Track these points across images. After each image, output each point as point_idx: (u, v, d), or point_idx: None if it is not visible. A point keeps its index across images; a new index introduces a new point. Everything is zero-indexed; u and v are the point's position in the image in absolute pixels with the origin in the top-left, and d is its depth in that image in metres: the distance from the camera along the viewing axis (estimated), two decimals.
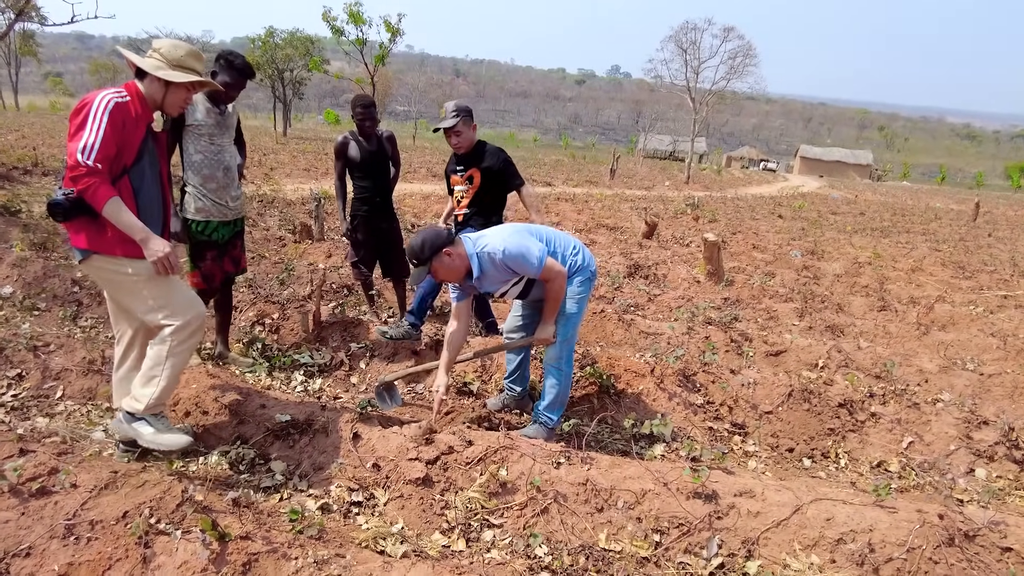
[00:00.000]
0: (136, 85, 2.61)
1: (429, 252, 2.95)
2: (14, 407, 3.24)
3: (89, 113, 2.42)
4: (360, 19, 16.69)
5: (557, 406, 3.36)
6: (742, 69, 32.91)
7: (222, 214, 3.67)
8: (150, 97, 2.61)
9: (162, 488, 2.32)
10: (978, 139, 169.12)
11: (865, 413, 3.88)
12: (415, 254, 2.97)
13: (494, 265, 3.05)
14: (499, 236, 3.10)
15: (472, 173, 4.21)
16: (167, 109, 2.69)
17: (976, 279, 9.25)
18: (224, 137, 3.62)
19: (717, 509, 2.65)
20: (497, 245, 3.03)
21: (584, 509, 2.65)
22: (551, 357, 3.33)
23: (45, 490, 2.31)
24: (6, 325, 4.03)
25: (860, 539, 2.51)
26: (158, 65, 2.59)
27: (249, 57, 36.07)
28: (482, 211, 4.26)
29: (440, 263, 2.99)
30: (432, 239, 2.97)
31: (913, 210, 24.87)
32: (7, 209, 6.61)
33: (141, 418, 2.71)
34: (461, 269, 3.05)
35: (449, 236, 3.03)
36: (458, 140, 4.11)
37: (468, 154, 4.20)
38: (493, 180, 4.21)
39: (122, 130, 2.48)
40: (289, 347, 4.29)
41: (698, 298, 6.42)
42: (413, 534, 2.51)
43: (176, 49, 2.64)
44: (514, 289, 3.26)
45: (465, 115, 4.08)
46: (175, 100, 2.67)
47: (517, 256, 3.02)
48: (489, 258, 3.04)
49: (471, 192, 4.23)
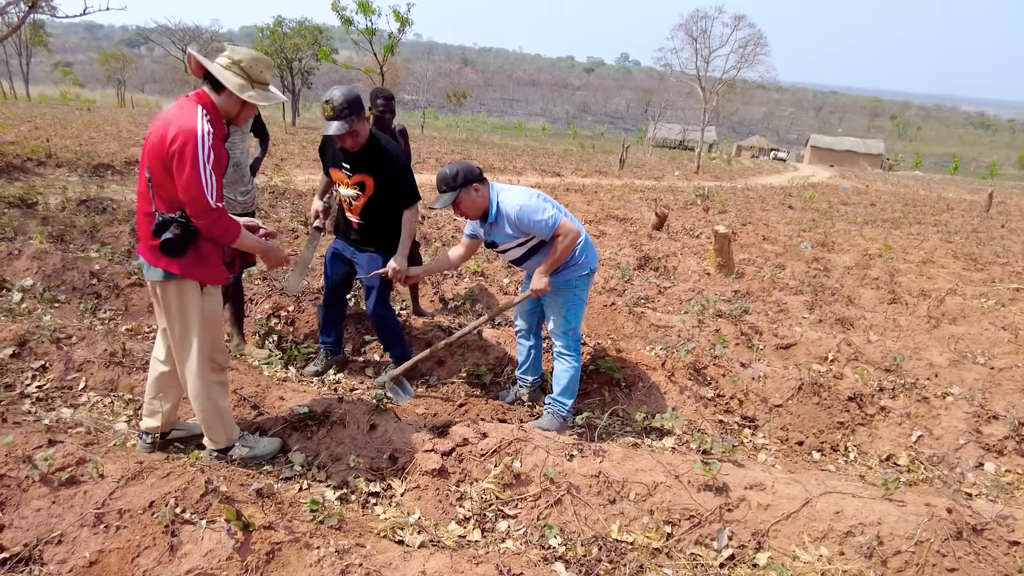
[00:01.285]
0: (209, 96, 2.48)
1: (461, 181, 3.12)
2: (39, 398, 3.32)
3: (196, 152, 2.33)
4: (369, 8, 16.65)
5: (568, 393, 3.46)
6: (753, 58, 32.67)
7: (231, 208, 3.73)
8: (224, 111, 2.53)
9: (186, 479, 2.39)
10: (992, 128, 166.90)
11: (875, 407, 3.91)
12: (447, 180, 3.12)
13: (507, 219, 3.20)
14: (520, 194, 3.25)
15: (363, 179, 3.47)
16: (236, 123, 2.63)
17: (988, 271, 9.19)
18: (235, 134, 3.66)
19: (728, 501, 2.70)
20: (515, 201, 3.19)
21: (597, 501, 2.71)
22: (559, 346, 3.45)
23: (74, 479, 2.38)
24: (28, 317, 4.12)
25: (869, 532, 2.55)
26: (242, 85, 2.48)
27: (258, 46, 36.22)
28: (383, 222, 3.58)
29: (467, 194, 3.15)
30: (466, 170, 3.15)
31: (925, 201, 24.65)
32: (24, 201, 6.70)
33: (231, 447, 2.84)
34: (481, 207, 3.22)
35: (481, 173, 3.21)
36: (353, 142, 3.35)
37: (359, 154, 3.44)
38: (386, 190, 3.50)
39: (222, 159, 2.46)
40: (305, 339, 4.35)
41: (708, 290, 6.44)
42: (430, 524, 2.58)
43: (256, 64, 2.52)
44: (516, 250, 3.37)
45: (356, 111, 3.26)
46: (247, 115, 2.61)
47: (531, 214, 3.16)
48: (505, 210, 3.19)
49: (363, 200, 3.52)
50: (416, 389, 3.91)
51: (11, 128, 16.29)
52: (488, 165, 21.23)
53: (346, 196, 3.59)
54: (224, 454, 2.84)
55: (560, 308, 3.40)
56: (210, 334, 2.66)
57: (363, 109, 3.32)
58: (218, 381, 2.76)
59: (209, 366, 2.70)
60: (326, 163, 3.69)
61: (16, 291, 4.61)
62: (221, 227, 2.46)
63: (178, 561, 2.12)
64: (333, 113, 3.22)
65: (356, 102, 3.27)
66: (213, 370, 2.73)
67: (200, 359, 2.65)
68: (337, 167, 3.55)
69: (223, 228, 2.47)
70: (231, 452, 2.84)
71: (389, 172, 3.46)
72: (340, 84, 3.66)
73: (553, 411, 3.45)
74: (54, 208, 6.86)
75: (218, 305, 2.70)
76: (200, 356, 2.65)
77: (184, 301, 2.57)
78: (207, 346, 2.65)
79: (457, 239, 8.09)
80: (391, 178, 3.47)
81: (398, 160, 3.50)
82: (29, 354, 3.56)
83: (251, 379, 3.38)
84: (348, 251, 3.78)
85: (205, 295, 2.60)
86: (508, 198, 3.21)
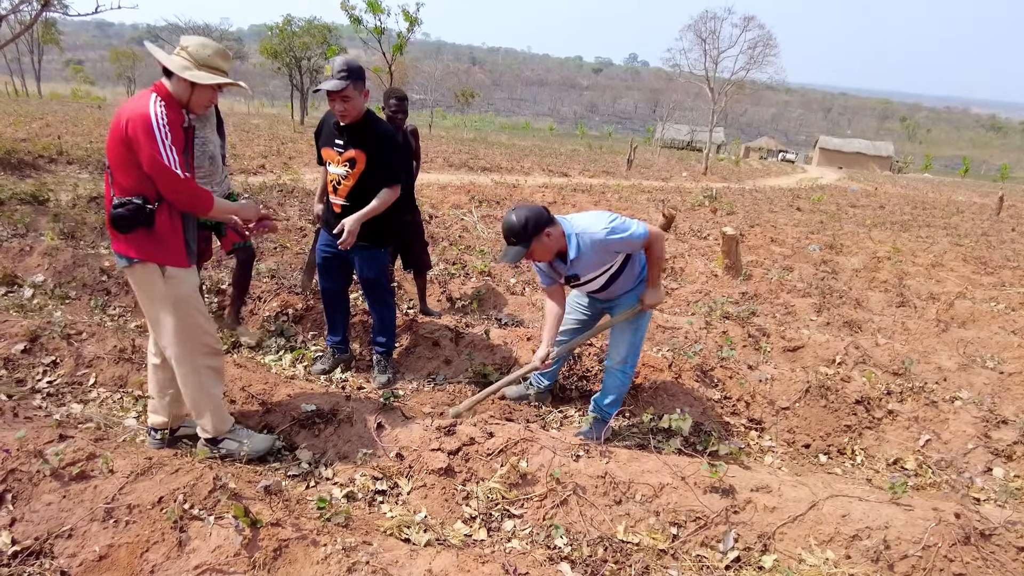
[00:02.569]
0: (164, 85, 2.57)
1: (533, 231, 2.84)
2: (49, 393, 3.35)
3: (152, 130, 2.40)
4: (378, 8, 16.67)
5: (617, 403, 3.43)
6: (762, 59, 32.51)
7: None
8: (177, 97, 2.58)
9: (195, 475, 2.41)
10: (1004, 130, 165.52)
11: (882, 410, 3.89)
12: (516, 232, 2.83)
13: (595, 248, 2.98)
14: (596, 218, 3.04)
15: (355, 155, 3.42)
16: (193, 109, 2.65)
17: (998, 275, 9.13)
18: (206, 128, 3.69)
19: (734, 503, 2.69)
20: (599, 227, 2.96)
21: (603, 501, 2.71)
22: (619, 359, 3.33)
23: (84, 474, 2.40)
24: (40, 313, 4.15)
25: (875, 536, 2.54)
26: (185, 65, 2.54)
27: (267, 45, 36.31)
28: (361, 206, 3.48)
29: (540, 243, 2.89)
30: (536, 217, 2.85)
31: (935, 203, 24.49)
32: (36, 198, 6.76)
33: (223, 438, 2.86)
34: (555, 249, 2.97)
35: (550, 215, 2.94)
36: (344, 107, 3.29)
37: (353, 127, 3.40)
38: (379, 168, 3.47)
39: (179, 138, 2.51)
40: (313, 337, 4.37)
41: (716, 292, 6.42)
42: (436, 523, 2.59)
43: (204, 48, 2.59)
44: (601, 278, 3.18)
45: (356, 77, 3.26)
46: (201, 100, 2.63)
47: (623, 232, 2.96)
48: (591, 240, 2.96)
49: (352, 180, 3.46)
50: (423, 388, 3.92)
51: (23, 125, 16.43)
52: (496, 165, 21.25)
53: (334, 176, 3.51)
54: (214, 444, 2.84)
55: (632, 327, 3.31)
56: (186, 316, 2.66)
57: (363, 80, 3.32)
58: (209, 366, 2.77)
59: (197, 350, 2.72)
60: (319, 144, 3.61)
61: (28, 287, 4.65)
62: (194, 196, 2.53)
63: (186, 556, 2.14)
64: (332, 73, 3.24)
65: (357, 70, 3.28)
66: (203, 354, 2.74)
67: (181, 342, 2.68)
68: (329, 145, 3.51)
69: (195, 196, 2.53)
70: (221, 444, 2.85)
71: (381, 148, 3.43)
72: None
73: (601, 419, 3.41)
74: (65, 205, 6.92)
75: (189, 287, 2.66)
76: (180, 339, 2.67)
77: (147, 285, 2.65)
78: (186, 329, 2.67)
79: (464, 238, 8.10)
80: (382, 154, 3.44)
81: (391, 138, 3.48)
82: (40, 350, 3.59)
83: (259, 376, 3.40)
84: (335, 244, 3.61)
85: (168, 277, 2.61)
86: (586, 228, 2.98)
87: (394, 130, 3.86)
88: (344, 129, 3.43)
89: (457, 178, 15.98)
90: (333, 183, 3.54)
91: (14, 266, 4.93)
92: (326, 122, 3.57)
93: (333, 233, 3.51)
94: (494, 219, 10.03)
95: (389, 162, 3.47)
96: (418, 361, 4.18)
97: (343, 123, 3.40)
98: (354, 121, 3.38)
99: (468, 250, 7.45)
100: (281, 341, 4.20)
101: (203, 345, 2.74)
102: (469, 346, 4.19)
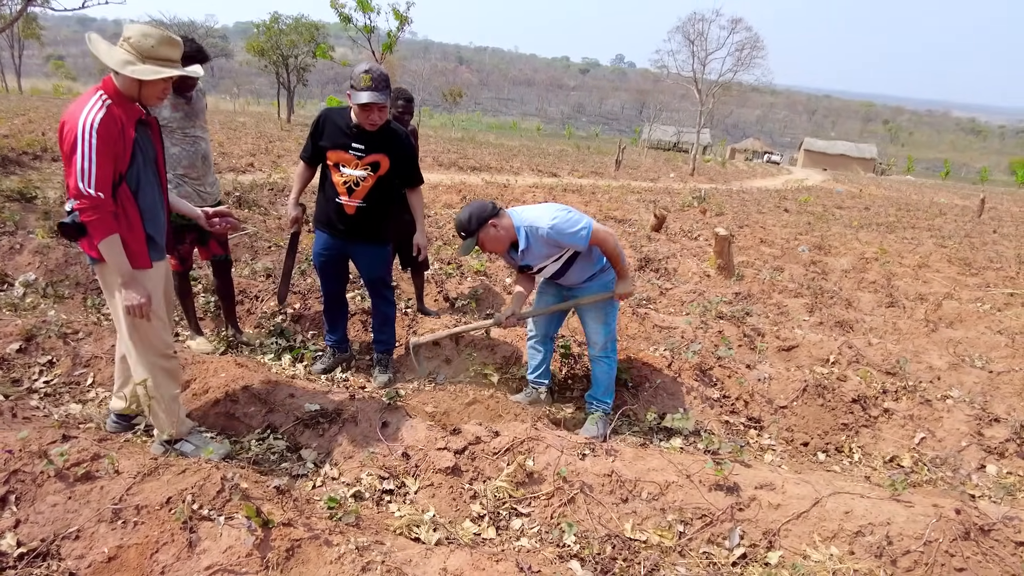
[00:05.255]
0: (112, 81, 2.42)
1: (476, 224, 3.10)
2: (47, 393, 3.30)
3: (76, 138, 2.30)
4: (368, 7, 16.56)
5: (611, 392, 3.60)
6: (749, 61, 32.77)
7: (201, 199, 3.71)
8: (126, 92, 2.42)
9: (202, 475, 2.39)
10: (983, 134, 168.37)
11: (878, 409, 3.95)
12: (463, 227, 3.10)
13: (540, 240, 3.15)
14: (545, 211, 3.20)
15: (378, 159, 3.45)
16: (145, 102, 2.50)
17: (982, 276, 9.29)
18: (196, 127, 3.64)
19: (739, 501, 2.72)
20: (543, 221, 3.12)
21: (610, 499, 2.73)
22: (599, 346, 3.51)
23: (90, 475, 2.38)
24: (33, 312, 4.09)
25: (878, 532, 2.58)
26: (127, 60, 2.37)
27: (254, 42, 35.99)
28: (378, 205, 3.56)
29: (486, 234, 3.13)
30: (478, 212, 3.11)
31: (918, 205, 24.84)
32: (23, 196, 6.64)
33: (179, 440, 2.82)
34: (506, 240, 3.18)
35: (494, 208, 3.16)
36: (379, 116, 3.36)
37: (376, 134, 3.44)
38: (400, 171, 3.57)
39: (113, 145, 2.37)
40: (313, 337, 4.35)
41: (709, 292, 6.47)
42: (445, 522, 2.59)
43: (146, 38, 2.38)
44: (553, 266, 3.34)
45: (390, 88, 3.38)
46: (151, 93, 2.46)
47: (565, 229, 3.11)
48: (536, 233, 3.14)
49: (371, 181, 3.48)
50: (424, 386, 3.92)
51: (5, 122, 16.14)
52: (485, 164, 21.23)
53: (350, 178, 3.47)
54: (170, 446, 2.80)
55: (601, 314, 3.47)
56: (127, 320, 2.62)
57: (390, 88, 3.43)
58: (163, 367, 2.74)
59: (150, 350, 2.69)
60: (321, 144, 3.51)
61: (19, 285, 4.58)
62: (94, 225, 2.38)
63: (197, 557, 2.12)
64: (372, 84, 3.25)
65: (388, 79, 3.37)
66: (156, 355, 2.71)
67: (134, 342, 2.66)
68: (343, 148, 3.45)
69: (94, 226, 2.38)
70: (176, 446, 2.80)
71: (405, 151, 3.56)
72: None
73: (601, 411, 3.54)
74: (54, 202, 6.81)
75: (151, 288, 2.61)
76: (134, 339, 2.66)
77: (107, 283, 2.63)
78: (138, 329, 2.64)
79: (458, 238, 8.09)
80: (406, 158, 3.57)
81: (411, 141, 3.66)
82: (36, 349, 3.54)
83: (260, 376, 3.38)
84: (338, 246, 3.66)
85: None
86: (533, 221, 3.15)
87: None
88: (362, 133, 3.43)
89: (447, 177, 15.94)
90: (348, 185, 3.51)
91: (4, 264, 4.85)
92: (331, 123, 3.50)
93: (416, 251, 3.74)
94: None
95: (415, 164, 3.66)
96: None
97: (371, 130, 3.42)
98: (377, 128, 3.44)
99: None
100: (281, 341, 4.17)
101: (153, 347, 2.71)
102: (469, 345, 4.19)
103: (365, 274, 3.77)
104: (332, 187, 3.56)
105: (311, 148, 3.59)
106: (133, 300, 2.52)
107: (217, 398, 3.21)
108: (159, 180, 2.73)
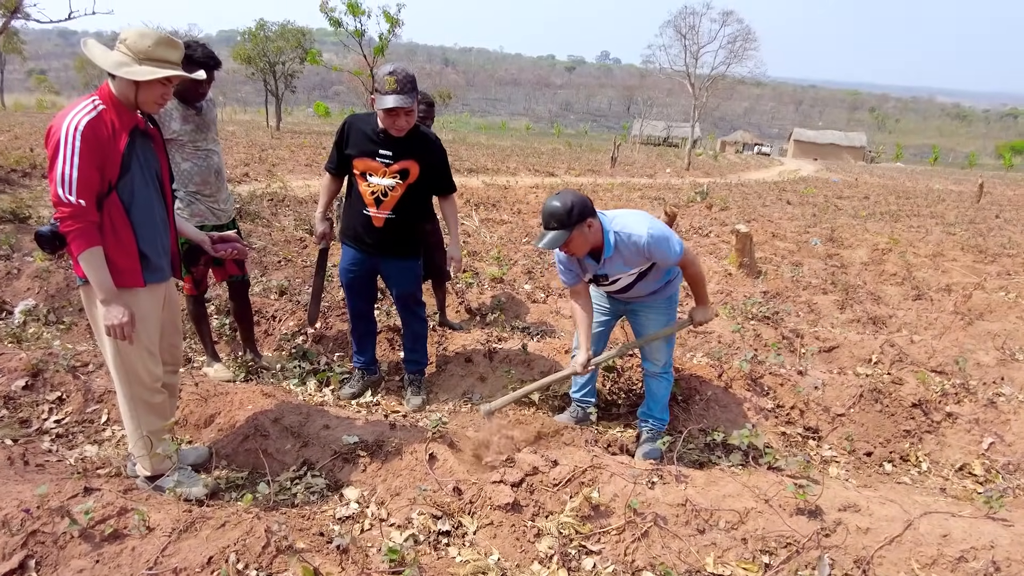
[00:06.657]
0: (108, 87, 2.29)
1: (578, 217, 2.69)
2: (59, 434, 3.05)
3: (59, 141, 2.16)
4: (358, 10, 16.32)
5: (667, 409, 3.40)
6: (742, 53, 32.69)
7: (216, 217, 3.50)
8: (123, 97, 2.28)
9: (243, 528, 2.15)
10: (968, 118, 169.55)
11: (940, 413, 3.74)
12: (559, 216, 2.67)
13: (631, 248, 2.83)
14: (640, 219, 2.87)
15: (407, 165, 3.24)
16: (144, 108, 2.34)
17: (999, 263, 9.14)
18: (207, 140, 3.40)
19: (824, 526, 2.50)
20: (640, 228, 2.81)
21: (685, 531, 2.50)
22: (658, 363, 3.27)
23: (118, 534, 2.13)
24: (37, 343, 3.83)
25: (982, 556, 2.37)
26: (122, 61, 2.23)
27: (240, 50, 35.59)
28: (408, 217, 3.35)
29: (581, 232, 2.73)
30: (582, 204, 2.70)
31: (915, 192, 24.80)
32: (16, 216, 6.35)
33: (159, 475, 2.60)
34: (592, 244, 2.83)
35: (593, 206, 2.80)
36: (407, 121, 3.16)
37: (405, 139, 3.23)
38: (431, 178, 3.36)
39: (99, 150, 2.21)
40: (338, 359, 4.09)
41: (736, 292, 6.27)
42: (511, 565, 2.35)
43: (143, 39, 2.25)
44: (627, 279, 3.04)
45: (417, 90, 3.18)
46: (149, 98, 2.31)
47: (662, 241, 2.81)
48: (629, 240, 2.82)
49: (401, 190, 3.27)
50: (460, 408, 3.68)
51: None
52: (481, 166, 20.97)
53: (378, 188, 3.26)
54: (151, 483, 2.60)
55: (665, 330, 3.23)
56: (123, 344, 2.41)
57: (417, 90, 3.20)
58: (145, 400, 2.51)
59: (133, 381, 2.48)
60: (348, 153, 3.29)
61: (19, 314, 4.31)
62: (73, 235, 2.19)
63: None
64: (397, 86, 3.03)
65: (415, 80, 3.14)
66: (137, 385, 2.49)
67: (118, 370, 2.46)
68: (369, 156, 3.24)
69: (73, 237, 2.20)
70: (158, 483, 2.59)
71: (436, 156, 3.35)
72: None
73: (657, 430, 3.33)
74: (47, 221, 6.52)
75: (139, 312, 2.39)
76: (115, 365, 2.46)
77: (89, 305, 2.45)
78: (121, 355, 2.43)
79: (468, 243, 7.85)
80: (437, 163, 3.36)
81: (441, 145, 3.42)
82: (44, 385, 3.28)
83: (291, 407, 3.13)
84: (366, 262, 3.45)
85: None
86: (625, 227, 2.84)
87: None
88: (390, 139, 3.21)
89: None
90: (376, 195, 3.28)
91: (2, 291, 4.58)
92: (356, 130, 3.28)
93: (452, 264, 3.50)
94: (494, 223, 9.80)
95: (446, 170, 3.43)
96: (451, 379, 3.93)
97: (398, 136, 3.19)
98: (405, 134, 3.22)
99: (475, 256, 7.21)
100: (304, 364, 3.91)
101: (138, 378, 2.49)
102: (504, 361, 3.96)
103: (395, 290, 3.53)
104: (359, 198, 3.32)
105: (336, 158, 3.36)
106: (112, 319, 2.30)
107: (247, 433, 2.96)
108: (162, 197, 2.52)
